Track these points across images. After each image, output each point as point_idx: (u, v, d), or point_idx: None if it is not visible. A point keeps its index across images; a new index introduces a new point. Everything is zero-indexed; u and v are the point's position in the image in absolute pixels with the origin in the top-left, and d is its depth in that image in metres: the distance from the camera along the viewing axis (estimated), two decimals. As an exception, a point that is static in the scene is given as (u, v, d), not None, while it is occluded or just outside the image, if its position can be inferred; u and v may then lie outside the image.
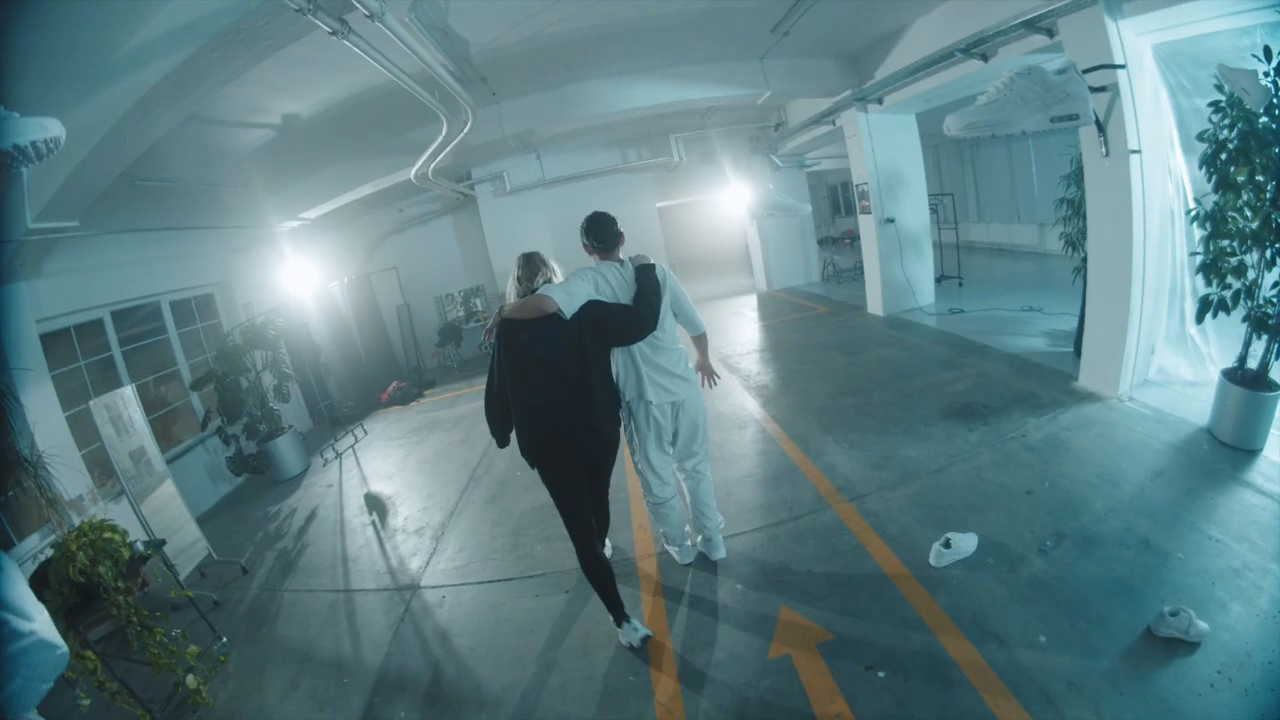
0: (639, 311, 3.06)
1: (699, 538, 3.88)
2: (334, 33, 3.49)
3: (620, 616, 3.26)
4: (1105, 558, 3.26)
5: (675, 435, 3.48)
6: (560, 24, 5.08)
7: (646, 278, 3.14)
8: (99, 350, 6.30)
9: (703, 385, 3.61)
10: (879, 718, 2.58)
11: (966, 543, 3.45)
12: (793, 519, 4.09)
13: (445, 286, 12.02)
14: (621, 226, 3.34)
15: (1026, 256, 12.41)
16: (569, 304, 2.92)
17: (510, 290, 3.24)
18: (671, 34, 6.05)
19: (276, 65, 4.68)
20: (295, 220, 8.46)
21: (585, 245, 3.33)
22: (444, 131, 5.91)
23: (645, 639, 3.24)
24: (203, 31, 3.41)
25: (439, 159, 6.78)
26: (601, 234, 3.26)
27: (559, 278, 3.22)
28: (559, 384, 2.98)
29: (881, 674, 2.79)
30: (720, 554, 3.79)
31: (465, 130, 5.85)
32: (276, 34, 3.67)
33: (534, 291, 3.04)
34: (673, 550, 3.89)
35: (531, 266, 3.20)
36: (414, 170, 6.89)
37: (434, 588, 4.18)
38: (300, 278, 8.55)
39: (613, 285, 3.16)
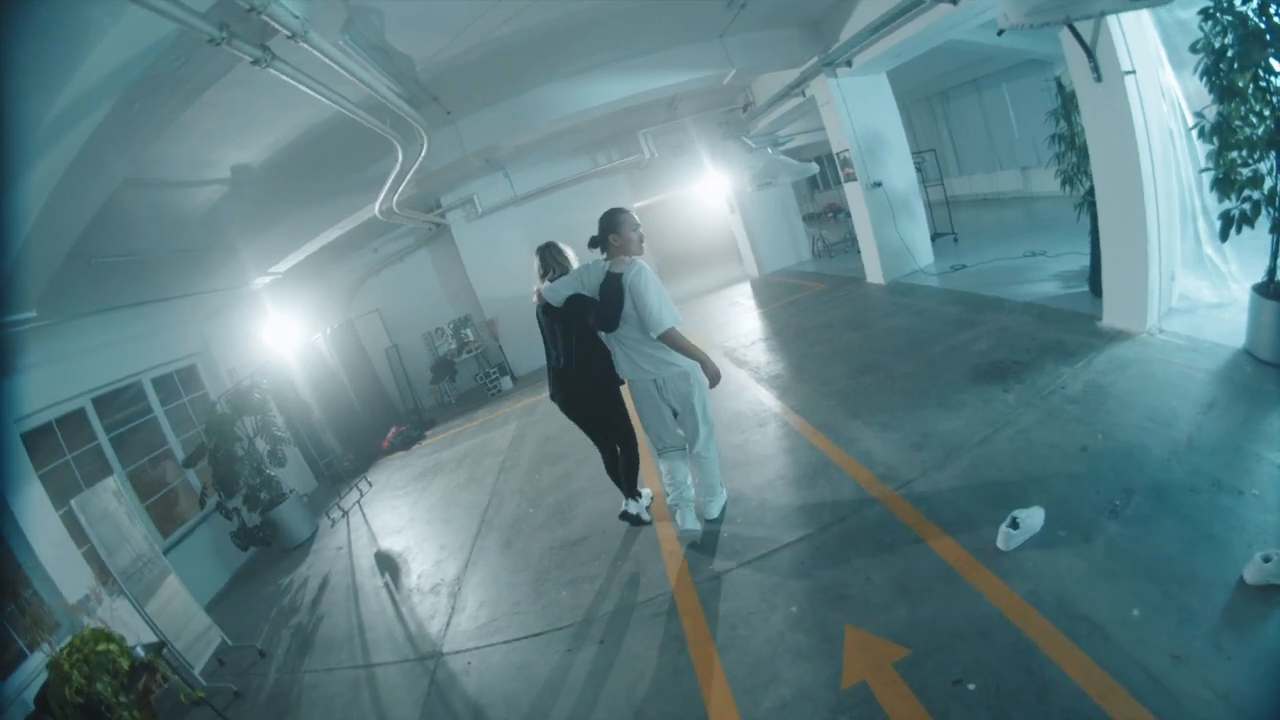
0: (596, 313, 3.71)
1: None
2: (256, 61, 3.16)
3: (629, 495, 4.46)
4: (1179, 507, 2.98)
5: (676, 413, 3.92)
6: (506, 26, 4.76)
7: (607, 287, 3.63)
8: (86, 440, 6.01)
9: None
10: None
11: (1033, 518, 3.11)
12: (837, 521, 3.72)
13: (432, 321, 11.71)
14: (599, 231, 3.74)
15: (1013, 203, 12.18)
16: (554, 297, 3.84)
17: (537, 279, 4.02)
18: (625, 23, 5.74)
19: (213, 114, 4.41)
20: (266, 276, 8.16)
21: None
22: (400, 160, 5.58)
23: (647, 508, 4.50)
24: (117, 85, 3.11)
25: (401, 190, 6.46)
26: (592, 241, 3.79)
27: (574, 260, 4.05)
28: (563, 349, 4.01)
29: (971, 686, 2.45)
30: (709, 515, 4.15)
31: (422, 155, 5.53)
32: (197, 73, 3.36)
33: (550, 278, 3.94)
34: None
35: (544, 259, 4.01)
36: (378, 206, 6.58)
37: (458, 653, 3.82)
38: (281, 334, 8.32)
39: (589, 283, 3.75)
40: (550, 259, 3.99)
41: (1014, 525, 3.06)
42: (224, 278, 7.68)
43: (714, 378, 3.55)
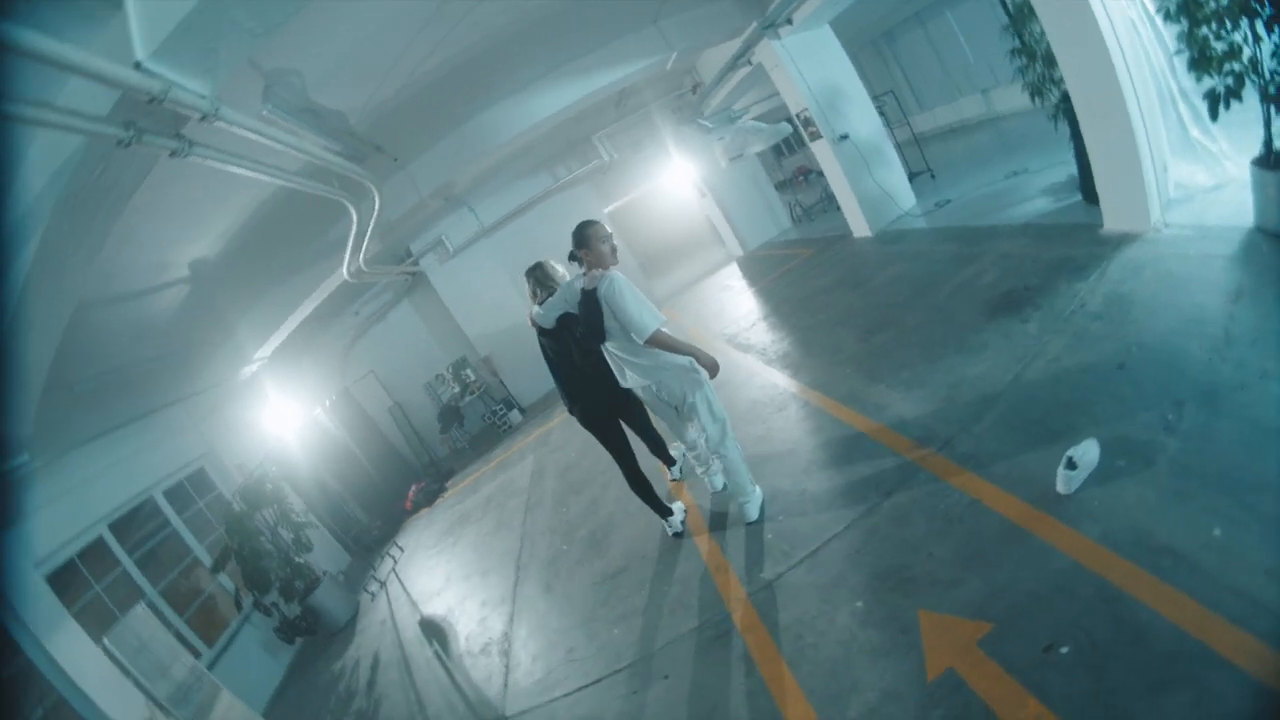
0: (581, 331, 3.75)
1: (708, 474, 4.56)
2: (174, 153, 2.97)
3: (664, 514, 4.36)
4: (1234, 408, 2.79)
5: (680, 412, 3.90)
6: (431, 59, 4.56)
7: (584, 304, 3.62)
8: (111, 567, 5.87)
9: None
10: (1084, 704, 2.07)
11: (1089, 453, 2.89)
12: (884, 497, 3.49)
13: (428, 371, 11.52)
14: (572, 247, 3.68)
15: (980, 127, 12.01)
16: (546, 320, 3.93)
17: (530, 302, 4.06)
18: (553, 30, 5.55)
19: (154, 216, 4.26)
20: (253, 363, 7.99)
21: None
22: (355, 219, 5.39)
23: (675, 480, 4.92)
24: (43, 209, 2.94)
25: (365, 248, 6.27)
26: (570, 255, 3.72)
27: (566, 274, 4.00)
28: (569, 365, 4.04)
29: (1064, 649, 2.25)
30: (749, 517, 3.97)
31: (376, 209, 5.34)
32: (120, 178, 3.18)
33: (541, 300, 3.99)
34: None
35: (533, 281, 4.03)
36: (345, 269, 6.39)
37: (522, 714, 3.61)
38: (281, 418, 8.18)
39: (572, 300, 3.76)
40: (538, 280, 4.01)
41: (1071, 465, 2.85)
42: (211, 374, 7.53)
43: (711, 369, 3.51)
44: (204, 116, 2.87)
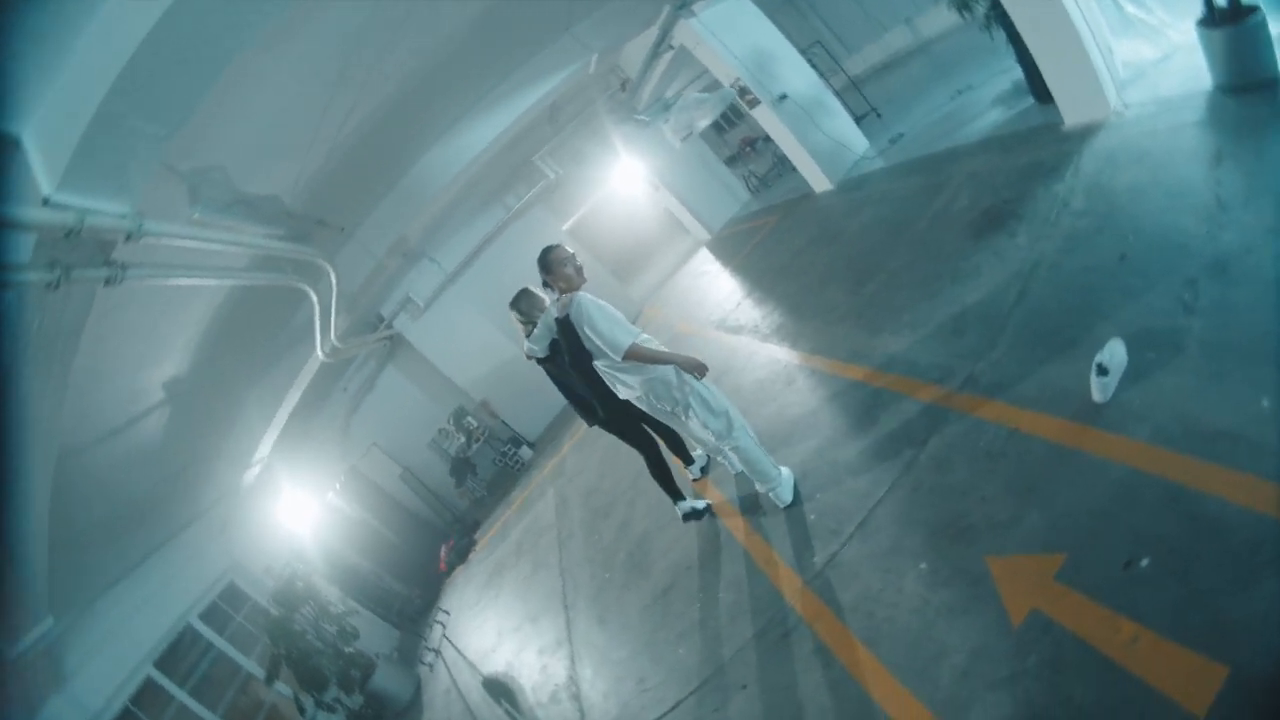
0: (568, 358, 3.88)
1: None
2: (109, 281, 2.82)
3: (676, 497, 4.51)
4: (1248, 273, 2.70)
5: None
6: (350, 122, 4.41)
7: (562, 332, 3.76)
8: (167, 703, 5.77)
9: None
10: (1176, 612, 1.98)
11: (1116, 354, 2.77)
12: (919, 449, 3.34)
13: (429, 428, 11.32)
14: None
15: (911, 57, 11.99)
16: (538, 352, 4.10)
17: (520, 334, 4.18)
18: (468, 60, 5.40)
19: (110, 348, 4.09)
20: (253, 467, 7.83)
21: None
22: (315, 300, 5.24)
23: (707, 505, 4.49)
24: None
25: (334, 326, 6.11)
26: (542, 284, 3.81)
27: (547, 298, 3.95)
28: (577, 386, 4.08)
29: (1144, 562, 2.14)
30: (783, 502, 3.84)
31: (334, 284, 5.18)
32: (61, 322, 3.02)
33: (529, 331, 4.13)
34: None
35: (518, 314, 4.15)
36: (319, 351, 6.23)
37: (608, 758, 3.49)
38: (296, 512, 8.03)
39: (553, 328, 3.88)
40: (523, 312, 4.11)
41: (1102, 371, 2.73)
42: (215, 488, 7.37)
43: (695, 371, 3.47)
44: (129, 236, 2.72)
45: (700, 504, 4.53)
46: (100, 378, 4.29)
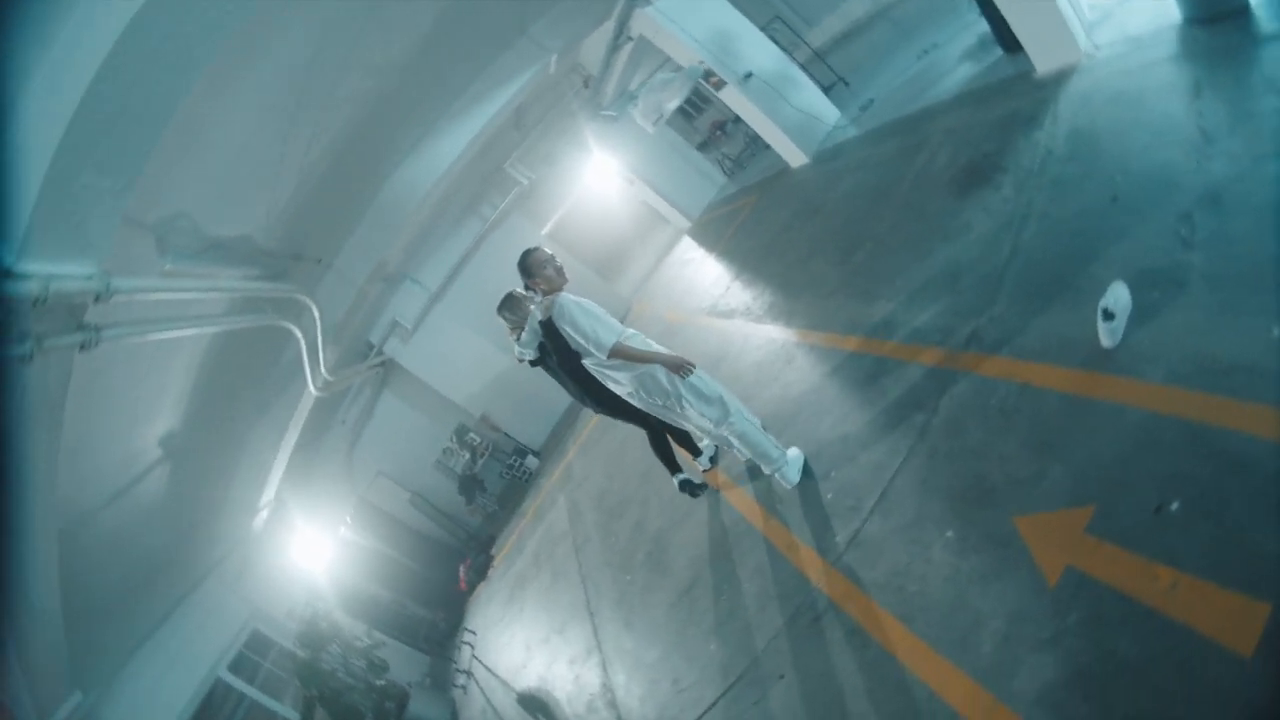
0: (556, 359, 3.92)
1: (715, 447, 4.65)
2: (84, 346, 2.74)
3: (673, 470, 4.63)
4: (1242, 201, 2.65)
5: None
6: (314, 147, 4.33)
7: (547, 334, 3.78)
8: None
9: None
10: (1212, 553, 1.93)
11: (1120, 297, 2.70)
12: (930, 415, 3.26)
13: (433, 449, 11.26)
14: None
15: (872, 23, 11.94)
16: (529, 355, 4.08)
17: (510, 338, 4.15)
18: (426, 74, 5.32)
19: (100, 413, 4.03)
20: (261, 511, 7.75)
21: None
22: (301, 336, 5.15)
23: (701, 478, 4.69)
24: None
25: (322, 360, 6.03)
26: (525, 288, 3.88)
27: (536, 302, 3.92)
28: (576, 382, 4.03)
29: (1174, 506, 2.09)
30: (790, 482, 3.79)
31: (318, 317, 5.11)
32: (42, 394, 2.93)
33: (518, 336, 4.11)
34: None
35: (506, 318, 4.13)
36: (311, 387, 6.16)
37: (652, 761, 3.43)
38: (309, 551, 8.00)
39: (538, 331, 3.88)
40: (510, 316, 4.11)
41: (1107, 316, 2.67)
42: (226, 537, 7.30)
43: (680, 369, 3.49)
44: (98, 297, 2.64)
45: (696, 477, 4.68)
46: (93, 444, 4.22)
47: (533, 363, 4.13)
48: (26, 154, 2.30)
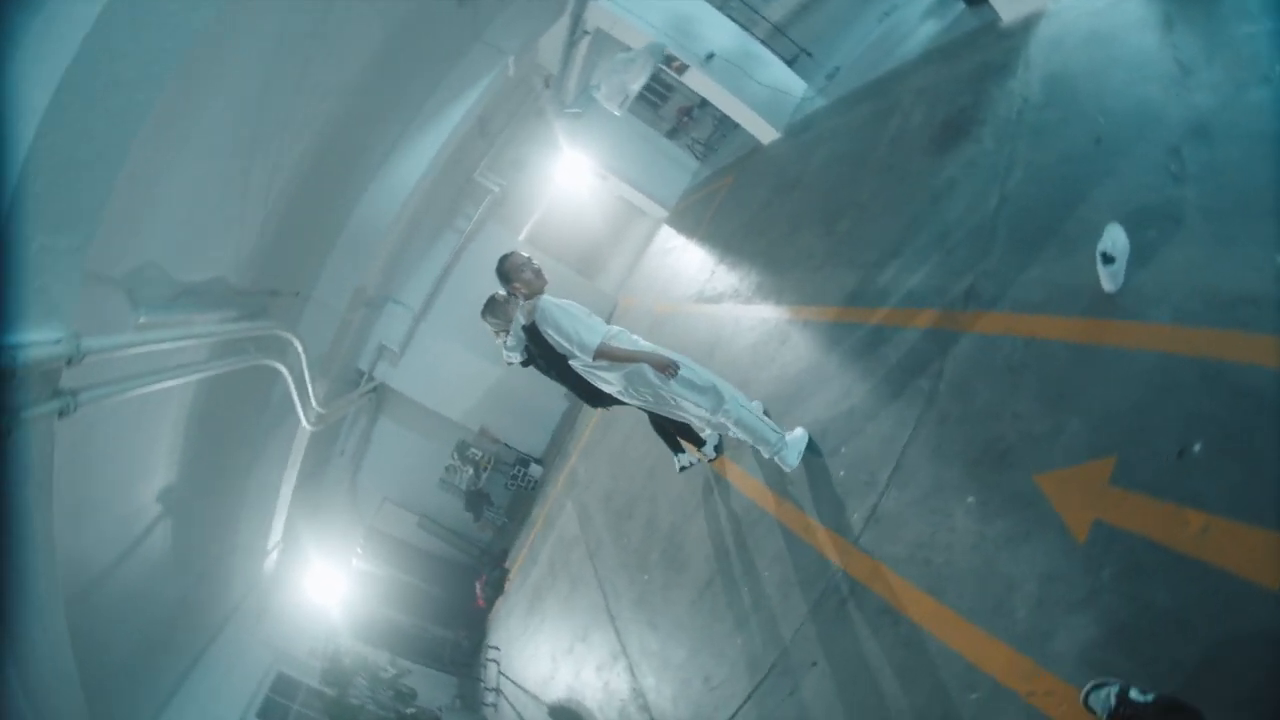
0: (541, 363, 3.92)
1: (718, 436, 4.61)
2: (63, 413, 2.64)
3: (675, 450, 4.71)
4: (1229, 130, 2.59)
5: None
6: (277, 178, 4.20)
7: (531, 339, 3.76)
8: None
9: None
10: (1240, 492, 1.89)
11: (1117, 240, 2.63)
12: (936, 379, 3.19)
13: (435, 469, 11.14)
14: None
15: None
16: (518, 358, 4.06)
17: (497, 341, 4.16)
18: (383, 91, 5.20)
19: (90, 479, 3.93)
20: (270, 553, 7.66)
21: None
22: (287, 373, 5.05)
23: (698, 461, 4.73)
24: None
25: (312, 394, 5.92)
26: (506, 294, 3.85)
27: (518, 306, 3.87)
28: (571, 381, 3.97)
29: (1197, 447, 2.04)
30: (789, 465, 3.76)
31: (302, 352, 4.99)
32: (26, 469, 2.82)
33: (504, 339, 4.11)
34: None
35: (490, 320, 4.12)
36: (304, 422, 6.05)
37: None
38: (325, 586, 7.99)
39: (521, 336, 3.86)
40: (493, 320, 4.10)
41: (1107, 260, 2.60)
42: (239, 583, 7.23)
43: (666, 369, 3.43)
44: (70, 362, 2.54)
45: (694, 458, 4.76)
46: (92, 505, 4.13)
47: (523, 363, 4.11)
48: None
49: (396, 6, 4.69)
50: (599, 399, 4.09)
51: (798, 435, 3.80)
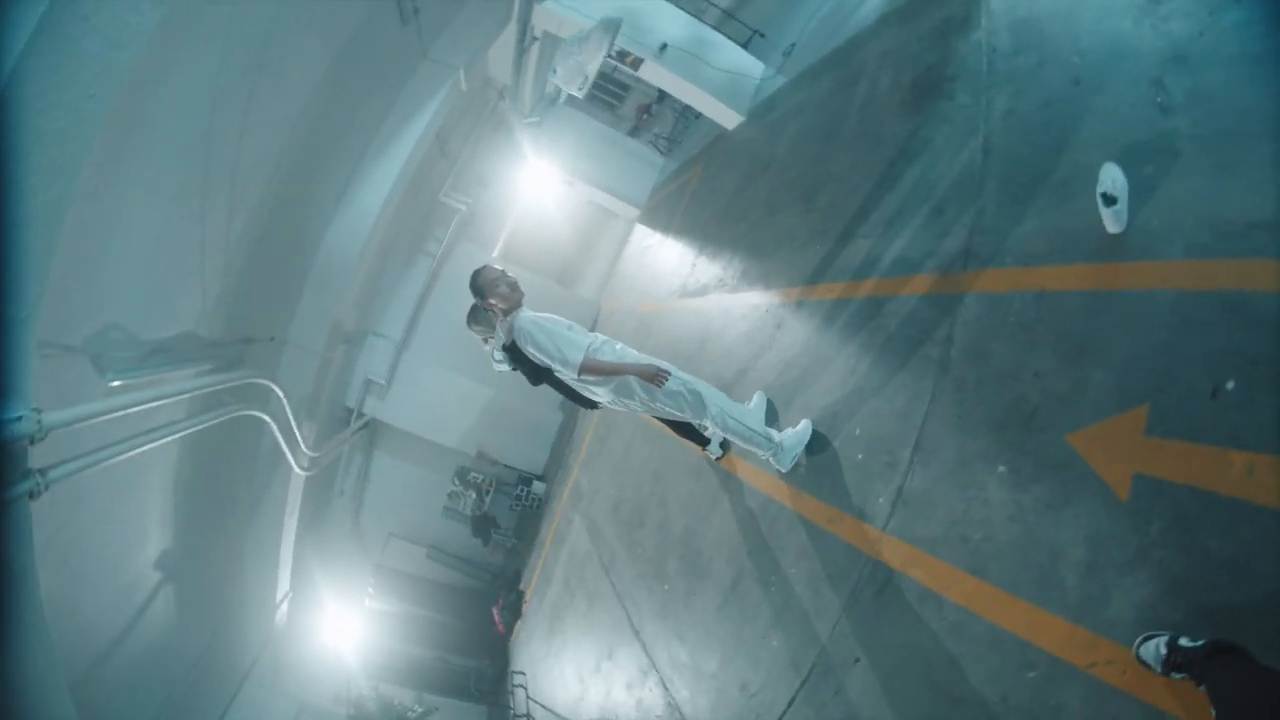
0: (530, 380, 3.86)
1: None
2: (33, 495, 2.47)
3: (703, 444, 4.49)
4: (1209, 56, 2.50)
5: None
6: (235, 220, 4.04)
7: (513, 357, 3.71)
8: None
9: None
10: (1278, 420, 1.82)
11: (1115, 179, 2.51)
12: (947, 347, 3.05)
13: (437, 498, 11.03)
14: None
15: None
16: (500, 369, 3.98)
17: (485, 348, 4.08)
18: (335, 121, 5.05)
19: (80, 556, 3.79)
20: (279, 605, 7.49)
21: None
22: (271, 420, 4.88)
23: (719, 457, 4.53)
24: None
25: (301, 440, 5.75)
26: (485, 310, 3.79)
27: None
28: (563, 389, 3.89)
29: (1230, 385, 1.96)
30: (784, 467, 3.70)
31: (283, 397, 4.83)
32: (6, 555, 2.67)
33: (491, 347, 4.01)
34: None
35: (475, 326, 4.05)
36: (296, 469, 5.88)
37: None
38: (340, 631, 7.88)
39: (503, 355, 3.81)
40: (478, 328, 4.05)
41: (1109, 201, 2.49)
42: (251, 641, 7.09)
43: (652, 378, 3.38)
44: (33, 439, 2.37)
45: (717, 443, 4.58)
46: (82, 592, 3.99)
47: (513, 369, 4.01)
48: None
49: (338, 30, 4.54)
50: (593, 403, 4.01)
51: (799, 430, 3.68)
